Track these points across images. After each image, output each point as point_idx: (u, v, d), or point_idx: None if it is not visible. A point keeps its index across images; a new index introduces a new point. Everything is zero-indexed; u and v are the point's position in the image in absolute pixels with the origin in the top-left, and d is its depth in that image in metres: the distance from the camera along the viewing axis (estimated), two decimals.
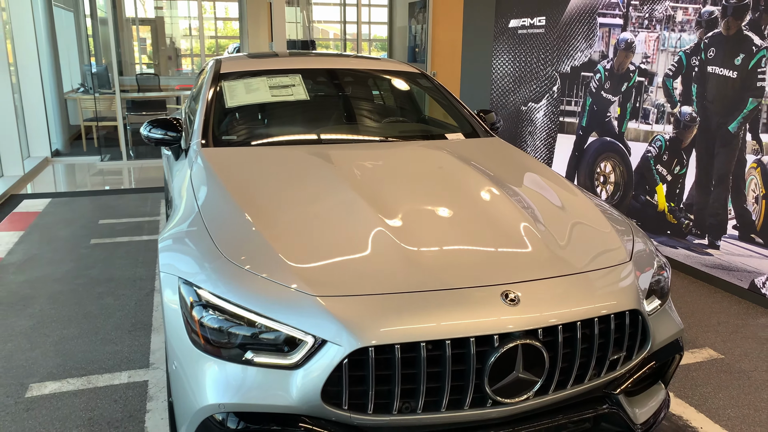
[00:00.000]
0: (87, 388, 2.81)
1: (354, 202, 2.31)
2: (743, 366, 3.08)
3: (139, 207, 5.99)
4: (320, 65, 3.71)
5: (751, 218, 3.82)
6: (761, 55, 3.65)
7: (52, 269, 4.26)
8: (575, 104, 5.36)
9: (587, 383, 1.96)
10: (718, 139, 3.99)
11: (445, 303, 1.82)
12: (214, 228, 2.15)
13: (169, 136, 3.12)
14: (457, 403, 1.81)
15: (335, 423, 1.79)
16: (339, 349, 1.72)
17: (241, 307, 1.82)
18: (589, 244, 2.22)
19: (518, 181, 2.70)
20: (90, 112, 9.31)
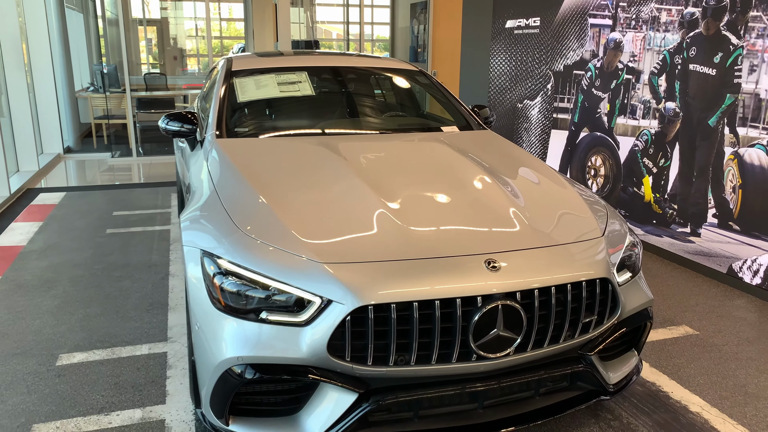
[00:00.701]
0: (111, 358, 3.07)
1: (356, 186, 2.57)
2: (716, 341, 3.33)
3: (151, 200, 6.26)
4: (324, 63, 3.97)
5: (729, 207, 4.06)
6: (737, 53, 3.90)
7: (72, 256, 4.53)
8: (568, 101, 5.61)
9: (562, 343, 2.21)
10: (699, 133, 4.24)
11: (434, 269, 2.08)
12: (231, 206, 2.41)
13: (185, 128, 3.39)
14: (445, 357, 2.07)
15: (339, 374, 2.05)
16: (342, 308, 1.98)
17: (257, 272, 2.08)
18: (565, 222, 2.48)
19: (505, 168, 2.95)
20: (100, 111, 9.59)
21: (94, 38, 11.96)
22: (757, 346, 3.28)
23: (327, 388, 2.09)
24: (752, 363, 3.10)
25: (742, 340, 3.34)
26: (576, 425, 2.56)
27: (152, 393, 2.77)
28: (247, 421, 2.15)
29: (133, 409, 2.64)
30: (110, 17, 12.23)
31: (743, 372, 3.01)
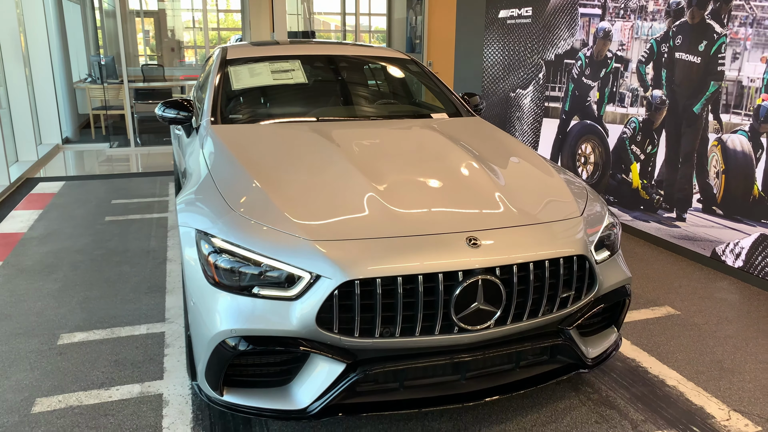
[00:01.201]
0: (111, 337, 3.17)
1: (346, 169, 2.67)
2: (696, 320, 3.44)
3: (149, 188, 6.35)
4: (317, 52, 4.06)
5: (713, 192, 4.17)
6: (721, 41, 3.99)
7: (72, 242, 4.63)
8: (559, 90, 5.70)
9: (541, 317, 2.32)
10: (685, 120, 4.33)
11: (418, 246, 2.18)
12: (225, 189, 2.51)
13: (181, 116, 3.48)
14: (429, 329, 2.18)
15: (328, 345, 2.15)
16: (330, 282, 2.08)
17: (249, 250, 2.18)
18: (546, 203, 2.58)
19: (490, 152, 3.05)
20: (98, 102, 9.67)
21: (91, 29, 12.01)
22: (736, 325, 3.39)
23: (316, 359, 2.20)
24: (729, 340, 3.21)
25: (722, 319, 3.45)
26: (557, 398, 2.67)
27: (150, 369, 2.87)
28: (240, 391, 2.26)
29: (132, 384, 2.75)
30: (107, 9, 12.27)
31: (720, 349, 3.12)
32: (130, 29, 14.95)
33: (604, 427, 2.48)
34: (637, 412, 2.58)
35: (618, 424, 2.50)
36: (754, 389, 2.76)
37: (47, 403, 2.60)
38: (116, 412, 2.54)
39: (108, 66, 9.93)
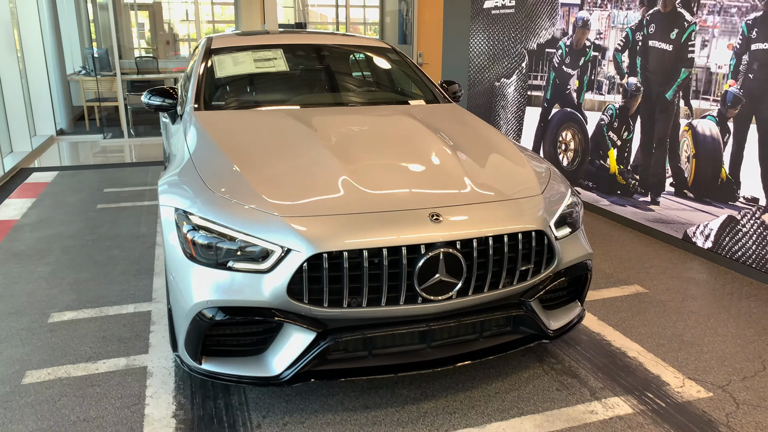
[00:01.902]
0: (99, 316, 3.31)
1: (318, 151, 2.80)
2: (662, 298, 3.58)
3: (141, 178, 6.48)
4: (299, 41, 4.18)
5: (684, 176, 4.30)
6: (691, 29, 4.11)
7: (64, 228, 4.76)
8: (541, 78, 5.82)
9: (502, 289, 2.45)
10: (658, 106, 4.46)
11: (383, 222, 2.32)
12: (204, 171, 2.64)
13: (166, 103, 3.60)
14: (394, 300, 2.31)
15: (299, 315, 2.29)
16: (300, 255, 2.21)
17: (225, 226, 2.32)
18: (507, 181, 2.72)
19: (460, 135, 3.18)
20: (92, 93, 9.77)
21: (85, 22, 12.08)
22: (700, 301, 3.53)
23: (289, 329, 2.33)
24: (692, 316, 3.36)
25: (687, 296, 3.60)
26: (522, 368, 2.81)
27: (136, 345, 3.01)
28: (218, 360, 2.40)
29: (118, 358, 2.89)
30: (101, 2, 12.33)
31: (682, 324, 3.26)
32: (124, 22, 15.01)
33: (564, 394, 2.62)
34: (597, 380, 2.72)
35: (577, 391, 2.64)
36: (710, 359, 2.91)
37: (37, 375, 2.73)
38: (102, 383, 2.68)
39: (101, 58, 10.02)
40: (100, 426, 2.39)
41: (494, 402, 2.56)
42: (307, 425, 2.40)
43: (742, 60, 3.78)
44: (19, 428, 2.37)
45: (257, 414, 2.47)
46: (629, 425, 2.41)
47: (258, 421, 2.43)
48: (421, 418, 2.45)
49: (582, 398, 2.59)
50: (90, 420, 2.42)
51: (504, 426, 2.41)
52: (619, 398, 2.59)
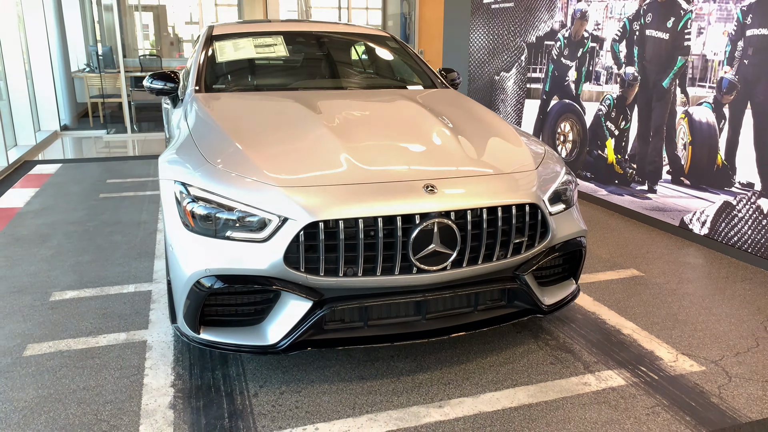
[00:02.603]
0: (100, 295, 3.35)
1: (316, 127, 2.85)
2: (658, 281, 3.61)
3: (144, 169, 6.53)
4: (299, 29, 4.23)
5: (681, 163, 4.33)
6: (687, 17, 4.15)
7: (66, 215, 4.81)
8: (540, 71, 5.86)
9: (496, 262, 2.49)
10: (655, 95, 4.50)
11: (378, 192, 2.35)
12: (203, 145, 2.68)
13: (168, 87, 3.65)
14: (389, 270, 2.35)
15: (296, 284, 2.32)
16: (296, 224, 2.25)
17: (223, 197, 2.36)
18: (502, 157, 2.76)
19: (456, 115, 3.22)
20: (96, 90, 9.85)
21: (89, 20, 12.17)
22: (696, 284, 3.56)
23: (286, 299, 2.37)
24: (687, 297, 3.38)
25: (683, 279, 3.62)
26: (516, 343, 2.84)
27: (136, 321, 3.05)
28: (216, 330, 2.44)
29: (118, 332, 2.93)
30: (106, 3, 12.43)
31: (677, 304, 3.29)
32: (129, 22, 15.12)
33: (558, 367, 2.65)
34: (591, 355, 2.75)
35: (571, 365, 2.67)
36: (704, 336, 2.93)
37: (38, 348, 2.77)
38: (102, 355, 2.72)
39: (105, 56, 10.11)
40: (99, 394, 2.42)
41: (488, 374, 2.59)
42: (303, 394, 2.44)
43: (738, 46, 3.82)
44: (20, 396, 2.41)
45: (254, 384, 2.51)
46: (621, 396, 2.44)
47: (255, 390, 2.47)
48: (416, 389, 2.48)
49: (575, 371, 2.62)
50: (89, 389, 2.46)
51: (498, 396, 2.44)
52: (612, 371, 2.61)
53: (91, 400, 2.39)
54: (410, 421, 2.28)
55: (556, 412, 2.34)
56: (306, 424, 2.25)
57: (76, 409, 2.33)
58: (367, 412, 2.33)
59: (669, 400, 2.41)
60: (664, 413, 2.33)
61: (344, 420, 2.28)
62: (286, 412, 2.32)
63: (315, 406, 2.36)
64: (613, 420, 2.29)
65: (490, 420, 2.29)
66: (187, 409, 2.34)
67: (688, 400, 2.41)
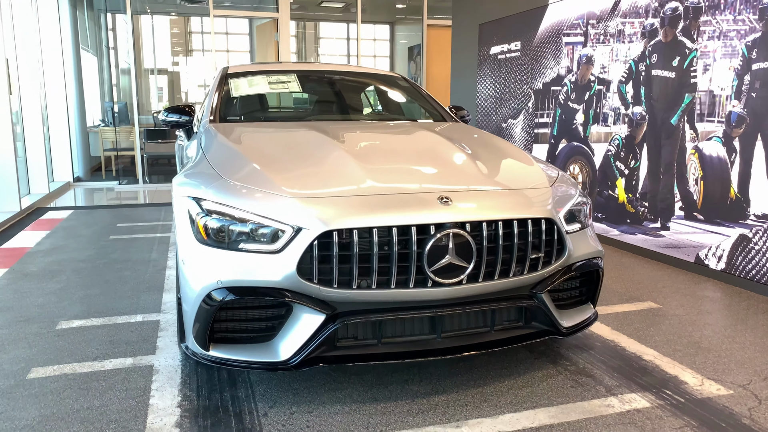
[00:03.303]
0: (108, 324, 3.29)
1: (330, 146, 2.87)
2: (676, 312, 3.52)
3: (154, 215, 6.57)
4: (311, 68, 4.34)
5: (693, 198, 4.31)
6: (693, 56, 4.23)
7: (77, 254, 4.80)
8: (547, 116, 5.94)
9: (512, 278, 2.44)
10: (664, 132, 4.53)
11: (393, 203, 2.34)
12: (216, 164, 2.70)
13: (183, 120, 3.71)
14: (404, 284, 2.30)
15: (309, 297, 2.27)
16: (310, 233, 2.23)
17: (236, 208, 2.35)
18: (517, 176, 2.76)
19: (471, 142, 3.24)
20: (110, 143, 10.04)
21: (107, 78, 12.56)
22: (716, 315, 3.47)
23: (298, 313, 2.31)
24: (708, 327, 3.29)
25: (702, 311, 3.53)
26: (535, 369, 2.75)
27: (143, 347, 2.98)
28: (226, 347, 2.37)
29: (125, 357, 2.86)
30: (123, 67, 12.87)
31: (698, 333, 3.20)
32: (144, 84, 15.58)
33: (579, 390, 2.55)
34: (612, 379, 2.65)
35: (593, 388, 2.56)
36: (729, 363, 2.83)
37: (42, 372, 2.70)
38: (108, 378, 2.64)
39: (120, 112, 10.37)
40: (103, 414, 2.34)
41: (507, 396, 2.49)
42: (314, 414, 2.34)
43: (744, 80, 3.87)
44: (22, 415, 2.33)
45: (264, 404, 2.42)
46: (648, 417, 2.33)
47: (264, 410, 2.37)
48: (431, 410, 2.38)
49: (597, 394, 2.51)
50: (93, 409, 2.38)
51: (517, 416, 2.33)
52: (636, 394, 2.51)
53: (94, 419, 2.30)
54: None
55: None
56: None
57: (79, 427, 2.25)
58: (381, 431, 2.23)
59: (698, 421, 2.30)
60: None
61: None
62: (296, 431, 2.22)
63: (327, 426, 2.26)
64: None
65: None
66: (194, 427, 2.25)
67: (718, 421, 2.30)
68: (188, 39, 18.02)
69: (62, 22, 9.12)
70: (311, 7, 13.09)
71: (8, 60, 6.67)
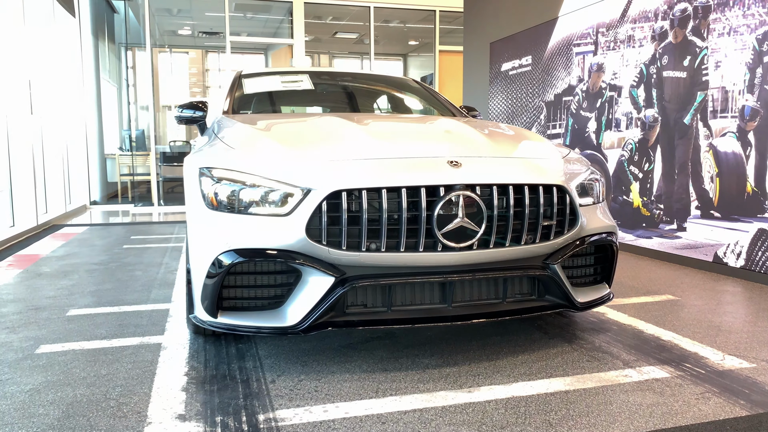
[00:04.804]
0: (118, 312, 3.28)
1: (345, 123, 2.87)
2: (694, 302, 3.43)
3: (168, 230, 6.60)
4: (325, 71, 4.40)
5: (709, 196, 4.25)
6: (703, 54, 4.24)
7: (90, 259, 4.82)
8: (560, 126, 5.95)
9: (524, 245, 2.40)
10: (677, 133, 4.51)
11: (402, 165, 2.33)
12: (229, 140, 2.71)
13: (197, 115, 3.75)
14: (414, 247, 2.27)
15: (317, 260, 2.25)
16: (319, 193, 2.22)
17: (245, 173, 2.35)
18: (529, 148, 2.74)
19: (483, 125, 3.24)
20: (126, 169, 10.20)
21: (126, 108, 12.85)
22: (736, 306, 3.37)
23: (306, 277, 2.29)
24: (729, 314, 3.20)
25: (722, 302, 3.44)
26: (549, 346, 2.67)
27: (152, 329, 2.95)
28: (235, 314, 2.35)
29: (133, 337, 2.83)
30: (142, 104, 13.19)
31: (719, 319, 3.11)
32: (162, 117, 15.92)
33: (595, 363, 2.47)
34: (630, 355, 2.57)
35: (609, 362, 2.49)
36: (751, 342, 2.74)
37: (50, 348, 2.68)
38: (115, 353, 2.61)
39: (138, 139, 10.56)
40: (110, 380, 2.31)
41: (521, 368, 2.42)
42: (323, 381, 2.29)
43: (756, 73, 3.86)
44: (28, 380, 2.30)
45: (272, 373, 2.37)
46: (667, 385, 2.25)
47: (272, 378, 2.33)
48: (443, 379, 2.32)
49: (614, 366, 2.44)
50: (100, 376, 2.34)
51: (532, 384, 2.26)
52: (655, 367, 2.43)
53: (101, 384, 2.27)
54: (437, 402, 2.11)
55: (596, 396, 2.15)
56: (326, 403, 2.10)
57: (85, 390, 2.21)
58: (391, 395, 2.17)
59: (720, 388, 2.21)
60: (716, 398, 2.13)
61: (367, 401, 2.12)
62: (304, 395, 2.17)
63: (336, 390, 2.21)
64: (660, 403, 2.10)
65: (524, 402, 2.11)
66: (200, 391, 2.21)
67: (741, 388, 2.21)
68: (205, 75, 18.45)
69: (84, 52, 9.40)
70: (326, 39, 13.37)
71: (30, 82, 6.87)
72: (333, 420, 1.98)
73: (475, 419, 1.98)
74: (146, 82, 11.27)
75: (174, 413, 2.03)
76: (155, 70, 12.42)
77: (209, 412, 2.04)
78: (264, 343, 2.70)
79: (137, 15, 10.88)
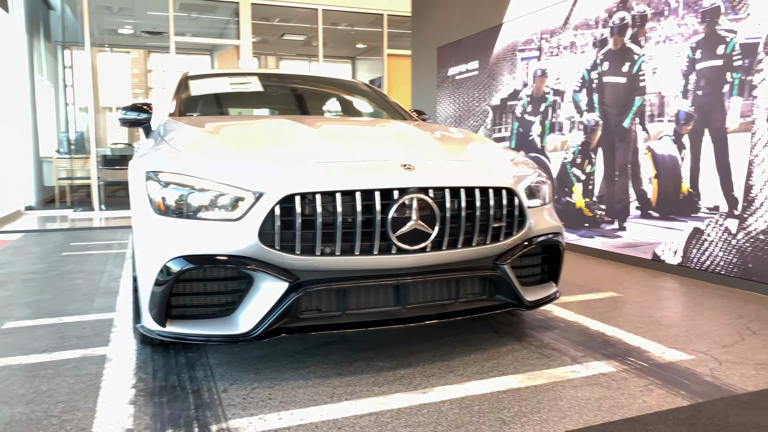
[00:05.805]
0: (58, 323, 3.14)
1: (291, 123, 2.85)
2: (635, 299, 3.56)
3: (110, 236, 6.38)
4: (271, 72, 4.35)
5: (648, 197, 4.43)
6: (641, 60, 4.42)
7: (26, 267, 4.61)
8: (505, 130, 6.08)
9: (475, 246, 2.44)
10: (617, 136, 4.68)
11: (356, 169, 2.33)
12: (175, 143, 2.65)
13: (141, 117, 3.64)
14: (368, 250, 2.28)
15: (271, 265, 2.22)
16: (271, 197, 2.19)
17: (194, 177, 2.30)
18: (479, 152, 2.79)
19: (431, 128, 3.28)
20: (65, 172, 9.80)
21: (63, 108, 12.36)
22: (675, 301, 3.52)
23: (259, 283, 2.25)
24: (668, 309, 3.34)
25: (662, 298, 3.59)
26: (500, 345, 2.73)
27: (96, 341, 2.85)
28: (183, 322, 2.29)
29: (76, 349, 2.72)
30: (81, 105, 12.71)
31: (658, 314, 3.24)
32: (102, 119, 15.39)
33: (545, 360, 2.53)
34: (578, 351, 2.64)
35: (558, 358, 2.55)
36: (689, 335, 2.87)
37: None
38: (56, 367, 2.51)
39: (77, 141, 10.17)
40: (51, 396, 2.21)
41: (473, 367, 2.46)
42: (277, 389, 2.26)
43: (690, 80, 4.05)
44: None
45: (223, 383, 2.33)
46: (613, 379, 2.33)
47: (224, 387, 2.28)
48: (397, 381, 2.33)
49: (563, 363, 2.50)
50: (40, 392, 2.24)
51: (484, 383, 2.30)
52: (601, 362, 2.51)
53: (41, 401, 2.17)
54: (393, 404, 2.12)
55: (547, 392, 2.21)
56: (281, 411, 2.07)
57: (24, 408, 2.11)
58: (346, 399, 2.17)
59: (662, 380, 2.31)
60: (658, 390, 2.22)
61: (322, 406, 2.11)
62: (258, 403, 2.14)
63: (290, 397, 2.19)
64: (607, 396, 2.17)
65: (478, 401, 2.14)
66: (149, 404, 2.14)
67: (682, 380, 2.31)
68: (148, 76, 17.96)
69: (18, 49, 8.98)
70: (273, 40, 13.23)
71: None
72: (288, 427, 1.96)
73: (430, 420, 2.00)
74: (86, 83, 10.87)
75: (121, 428, 1.96)
76: (95, 70, 12.00)
77: (159, 425, 1.98)
78: (215, 352, 2.64)
79: (75, 12, 10.48)
